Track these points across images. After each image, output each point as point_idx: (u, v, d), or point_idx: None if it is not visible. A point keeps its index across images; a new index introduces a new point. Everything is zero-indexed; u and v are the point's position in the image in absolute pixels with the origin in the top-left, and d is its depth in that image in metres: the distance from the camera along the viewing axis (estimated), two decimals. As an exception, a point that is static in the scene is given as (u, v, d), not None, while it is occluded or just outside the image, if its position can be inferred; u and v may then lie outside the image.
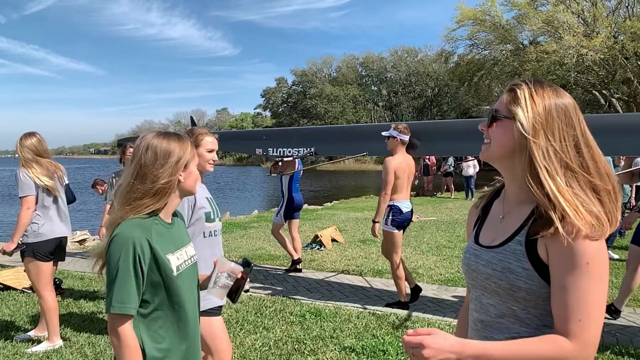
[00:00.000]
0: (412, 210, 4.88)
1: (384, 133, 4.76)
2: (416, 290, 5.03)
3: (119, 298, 1.53)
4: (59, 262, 4.21)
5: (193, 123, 8.52)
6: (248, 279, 2.51)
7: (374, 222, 4.84)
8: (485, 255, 1.22)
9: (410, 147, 4.84)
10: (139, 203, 1.60)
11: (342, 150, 6.03)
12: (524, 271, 1.13)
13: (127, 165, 1.70)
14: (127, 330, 1.54)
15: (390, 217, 4.75)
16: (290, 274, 6.36)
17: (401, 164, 4.70)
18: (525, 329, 1.16)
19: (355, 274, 6.27)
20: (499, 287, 1.17)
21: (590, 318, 1.06)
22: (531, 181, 1.12)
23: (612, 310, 4.51)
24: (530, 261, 1.13)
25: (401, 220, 4.77)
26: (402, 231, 4.83)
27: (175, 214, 1.78)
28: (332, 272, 6.47)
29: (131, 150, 5.25)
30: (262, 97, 60.70)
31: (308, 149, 5.51)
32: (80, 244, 8.91)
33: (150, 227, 1.60)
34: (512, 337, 1.16)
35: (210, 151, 2.70)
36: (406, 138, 4.72)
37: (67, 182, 4.22)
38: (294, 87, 56.63)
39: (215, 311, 2.57)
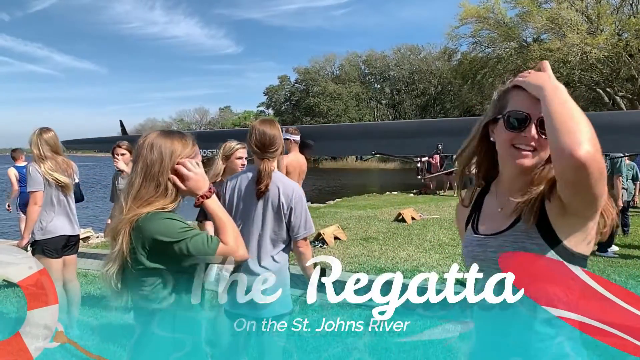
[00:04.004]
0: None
1: None
2: None
3: (204, 239, 1.62)
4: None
5: (123, 128, 8.27)
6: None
7: None
8: (494, 242, 1.27)
9: (304, 147, 5.39)
10: (156, 204, 1.60)
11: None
12: (538, 247, 1.18)
13: (133, 164, 1.67)
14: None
15: None
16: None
17: (292, 161, 5.20)
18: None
19: (358, 272, 6.28)
20: None
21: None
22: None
23: None
24: (542, 236, 1.18)
25: None
26: None
27: None
28: (334, 269, 6.48)
29: (120, 150, 5.14)
30: (265, 95, 60.63)
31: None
32: (84, 242, 8.95)
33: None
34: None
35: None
36: (297, 138, 5.23)
37: (77, 180, 4.18)
38: (296, 85, 56.56)
39: None
